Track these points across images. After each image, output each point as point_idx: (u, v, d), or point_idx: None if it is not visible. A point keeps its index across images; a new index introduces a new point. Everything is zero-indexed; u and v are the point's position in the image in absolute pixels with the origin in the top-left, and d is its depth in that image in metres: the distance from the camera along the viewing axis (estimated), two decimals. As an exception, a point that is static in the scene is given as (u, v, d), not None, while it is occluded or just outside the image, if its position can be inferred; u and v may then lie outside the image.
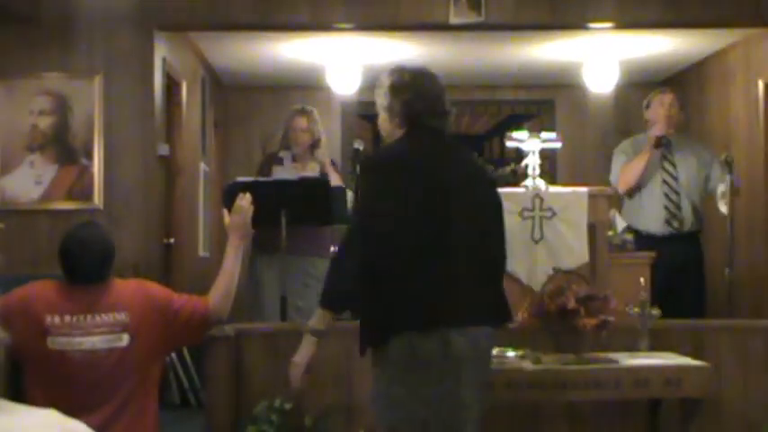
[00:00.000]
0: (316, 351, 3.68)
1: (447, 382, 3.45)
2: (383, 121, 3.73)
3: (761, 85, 7.52)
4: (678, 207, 6.15)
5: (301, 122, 6.12)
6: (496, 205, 3.73)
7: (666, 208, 6.15)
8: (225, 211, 4.80)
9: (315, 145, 6.14)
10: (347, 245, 3.57)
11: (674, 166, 6.19)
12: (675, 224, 6.13)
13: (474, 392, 3.53)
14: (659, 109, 6.16)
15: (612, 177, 6.23)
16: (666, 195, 6.15)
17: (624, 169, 6.14)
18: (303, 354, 3.69)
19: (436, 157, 3.61)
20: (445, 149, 3.68)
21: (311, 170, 5.97)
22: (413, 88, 3.65)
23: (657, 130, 6.10)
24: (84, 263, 3.87)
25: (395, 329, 3.46)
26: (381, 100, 3.71)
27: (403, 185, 3.49)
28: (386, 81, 3.72)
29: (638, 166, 6.08)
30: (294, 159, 6.04)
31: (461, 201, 3.56)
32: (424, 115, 3.64)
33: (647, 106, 6.28)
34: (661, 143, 6.11)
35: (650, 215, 6.14)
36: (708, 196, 6.29)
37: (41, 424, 1.32)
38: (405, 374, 3.45)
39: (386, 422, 3.52)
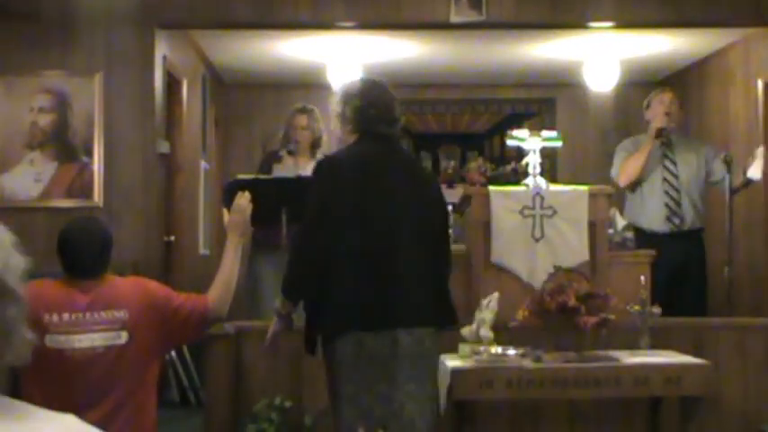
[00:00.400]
0: (280, 329, 3.90)
1: (397, 379, 3.60)
2: (335, 127, 3.94)
3: (760, 84, 7.52)
4: (678, 204, 6.15)
5: (302, 121, 6.11)
6: (443, 210, 3.96)
7: (667, 205, 6.15)
8: (225, 210, 4.81)
9: (316, 144, 6.13)
10: (302, 241, 3.75)
11: (674, 164, 6.20)
12: (676, 221, 6.14)
13: (425, 390, 3.69)
14: (658, 107, 6.18)
15: (613, 172, 6.23)
16: (667, 193, 6.16)
17: (625, 163, 6.15)
18: (270, 331, 3.93)
19: (385, 162, 3.79)
20: (394, 155, 3.87)
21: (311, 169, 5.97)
22: (364, 96, 3.83)
23: (658, 122, 6.12)
24: (82, 252, 3.87)
25: (342, 329, 3.62)
26: (334, 107, 3.92)
27: (353, 188, 3.68)
28: (339, 90, 3.95)
29: (639, 159, 6.09)
30: (294, 157, 6.04)
31: (409, 204, 3.74)
32: (374, 122, 3.81)
33: (648, 106, 6.30)
34: (661, 134, 6.12)
35: (651, 213, 6.14)
36: (711, 190, 6.31)
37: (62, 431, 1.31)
38: (355, 373, 3.61)
39: (343, 420, 3.65)
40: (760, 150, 5.94)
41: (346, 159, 3.81)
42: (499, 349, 4.46)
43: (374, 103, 3.83)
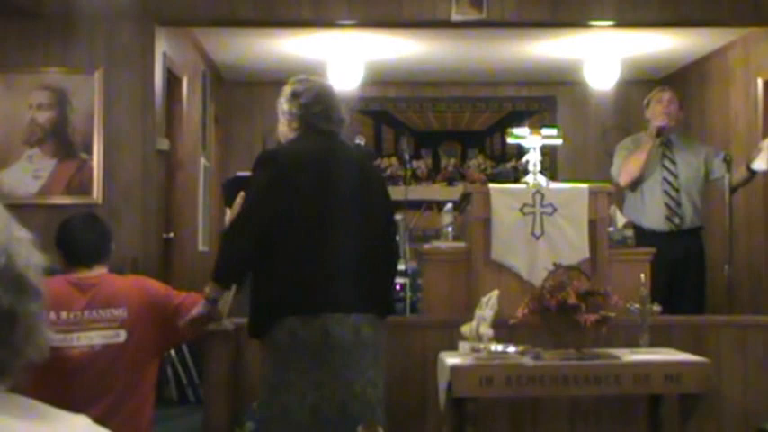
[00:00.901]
0: (202, 313, 3.90)
1: (331, 366, 3.67)
2: (282, 125, 4.05)
3: (760, 83, 7.52)
4: (678, 204, 6.15)
5: None
6: (385, 203, 4.04)
7: (667, 205, 6.15)
8: (227, 208, 4.81)
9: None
10: (237, 227, 3.84)
11: (674, 163, 6.20)
12: (676, 221, 6.14)
13: (364, 378, 3.73)
14: (658, 106, 6.19)
15: (614, 170, 6.23)
16: (666, 193, 6.16)
17: (626, 162, 6.14)
18: (192, 313, 3.93)
19: (327, 156, 3.90)
20: (337, 150, 3.97)
21: None
22: (309, 94, 3.98)
23: (659, 121, 6.11)
24: (81, 238, 3.88)
25: (277, 315, 3.70)
26: (281, 107, 4.05)
27: (292, 179, 3.78)
28: (287, 89, 4.07)
29: (639, 158, 6.09)
30: None
31: (348, 197, 3.84)
32: (317, 118, 3.94)
33: (647, 105, 6.30)
34: (662, 133, 6.11)
35: (651, 212, 6.14)
36: (711, 188, 6.31)
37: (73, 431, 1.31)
38: (289, 359, 3.68)
39: (275, 406, 3.71)
40: (766, 143, 5.94)
41: (287, 152, 3.95)
42: (499, 347, 4.45)
43: (317, 101, 3.96)
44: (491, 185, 5.35)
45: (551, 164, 9.52)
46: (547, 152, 8.65)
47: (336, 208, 3.81)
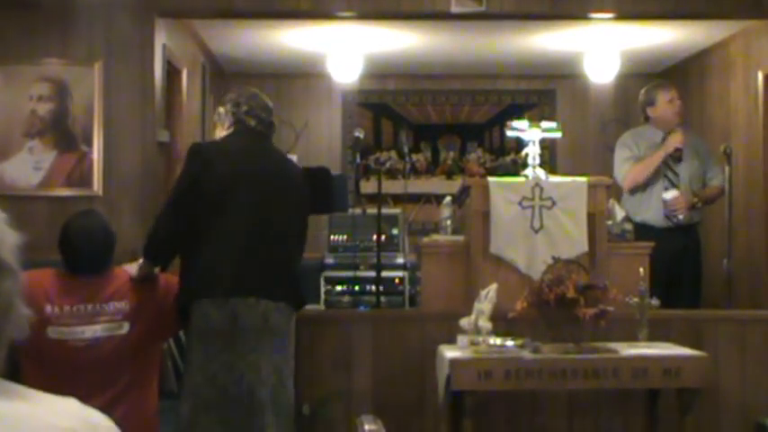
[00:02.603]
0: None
1: (240, 349, 3.87)
2: (218, 129, 4.37)
3: (761, 76, 7.51)
4: (679, 202, 6.16)
5: None
6: (301, 198, 4.28)
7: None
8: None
9: None
10: (163, 213, 4.17)
11: (676, 163, 6.19)
12: (674, 219, 6.13)
13: (271, 363, 3.92)
14: (669, 107, 6.17)
15: (617, 174, 6.21)
16: (667, 190, 6.15)
17: (633, 169, 6.12)
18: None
19: (251, 152, 4.22)
20: (262, 148, 4.29)
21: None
22: (240, 97, 4.32)
23: (678, 142, 6.07)
24: (85, 254, 3.87)
25: (194, 298, 3.92)
26: (217, 113, 4.39)
27: (213, 171, 4.05)
28: (223, 98, 4.41)
29: (647, 169, 6.09)
30: None
31: (268, 191, 4.11)
32: (247, 117, 4.25)
33: (651, 103, 6.27)
34: (681, 157, 6.12)
35: (650, 210, 6.13)
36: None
37: (62, 413, 1.32)
38: (202, 341, 3.89)
39: (188, 386, 3.93)
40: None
41: (212, 146, 4.37)
42: (498, 340, 4.46)
43: (245, 102, 4.29)
44: (490, 179, 5.35)
45: (550, 157, 9.50)
46: (546, 145, 8.64)
47: (253, 201, 4.06)
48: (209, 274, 3.95)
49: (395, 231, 7.89)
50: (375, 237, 6.40)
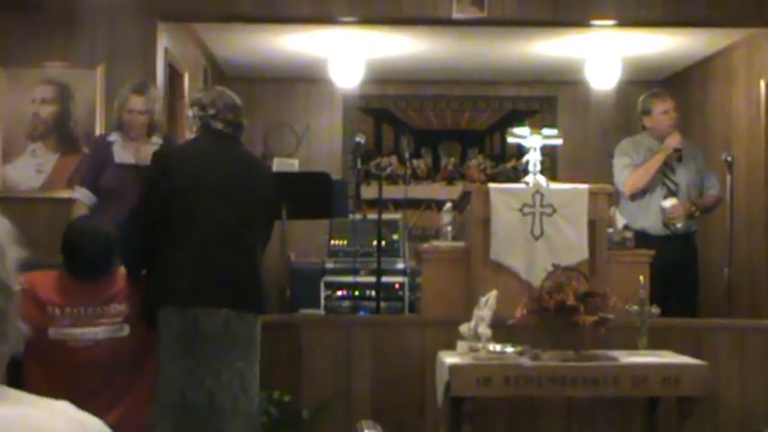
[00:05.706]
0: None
1: (200, 355, 3.87)
2: (190, 131, 4.34)
3: (763, 84, 7.51)
4: (677, 210, 6.16)
5: (138, 104, 5.28)
6: (269, 203, 4.27)
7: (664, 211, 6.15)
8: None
9: (153, 127, 5.33)
10: (130, 222, 4.18)
11: (674, 171, 6.20)
12: (673, 228, 6.13)
13: (232, 369, 3.92)
14: (664, 117, 6.17)
15: (617, 180, 6.20)
16: (666, 198, 6.15)
17: (634, 174, 6.12)
18: None
19: (215, 156, 4.15)
20: (229, 150, 4.20)
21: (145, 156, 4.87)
22: (207, 99, 4.21)
23: (676, 142, 6.08)
24: (87, 259, 3.88)
25: (158, 305, 3.92)
26: (186, 116, 4.36)
27: (175, 176, 4.01)
28: (191, 98, 4.39)
29: (648, 173, 6.07)
30: (134, 142, 5.30)
31: (228, 195, 4.06)
32: (215, 120, 4.16)
33: (647, 112, 6.27)
34: (681, 157, 6.12)
35: (649, 218, 6.12)
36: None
37: (53, 416, 1.32)
38: (166, 346, 3.89)
39: (159, 388, 3.92)
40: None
41: (175, 151, 4.39)
42: (497, 347, 4.46)
43: (213, 104, 4.17)
44: (491, 185, 5.35)
45: (551, 164, 9.51)
46: (547, 152, 8.64)
47: (215, 207, 4.02)
48: (170, 283, 3.94)
49: (395, 237, 7.90)
50: (375, 242, 6.40)
